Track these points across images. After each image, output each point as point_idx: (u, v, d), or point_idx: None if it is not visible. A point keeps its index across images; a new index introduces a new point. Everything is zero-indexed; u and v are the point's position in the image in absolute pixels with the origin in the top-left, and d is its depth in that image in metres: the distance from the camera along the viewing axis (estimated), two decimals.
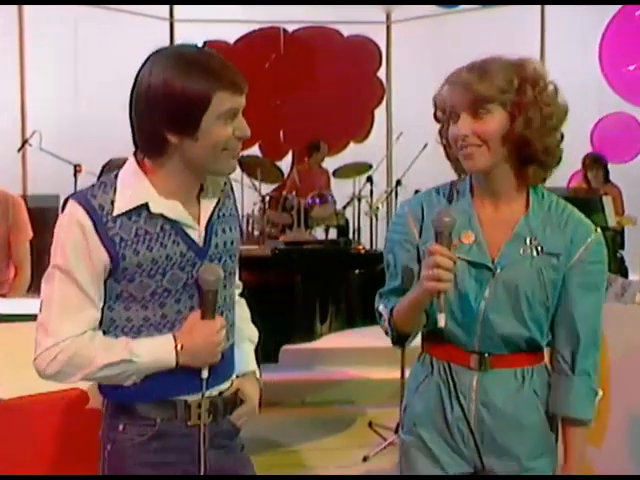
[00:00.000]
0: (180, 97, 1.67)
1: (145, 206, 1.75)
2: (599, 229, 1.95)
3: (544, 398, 1.95)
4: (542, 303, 1.90)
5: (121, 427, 1.83)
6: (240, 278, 2.07)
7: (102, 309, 1.80)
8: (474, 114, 1.84)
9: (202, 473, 1.82)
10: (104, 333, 1.80)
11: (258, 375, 2.01)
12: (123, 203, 1.74)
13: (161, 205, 1.76)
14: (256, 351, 2.10)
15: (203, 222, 1.82)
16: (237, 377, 1.96)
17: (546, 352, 2.01)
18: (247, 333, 2.06)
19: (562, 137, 1.91)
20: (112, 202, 1.74)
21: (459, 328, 1.92)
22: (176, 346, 1.76)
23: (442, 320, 1.77)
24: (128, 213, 1.74)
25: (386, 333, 2.00)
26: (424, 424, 1.98)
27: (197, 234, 1.81)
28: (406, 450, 2.04)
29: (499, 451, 1.93)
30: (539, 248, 1.89)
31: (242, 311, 2.07)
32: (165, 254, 1.76)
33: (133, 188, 1.76)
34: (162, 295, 1.77)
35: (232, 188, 1.96)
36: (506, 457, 1.93)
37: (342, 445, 4.73)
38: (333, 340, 5.02)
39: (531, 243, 1.89)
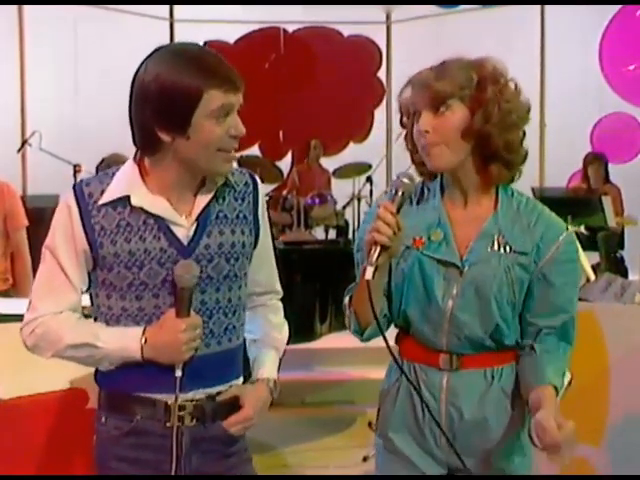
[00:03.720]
0: (171, 93, 1.68)
1: (128, 198, 1.78)
2: (570, 227, 1.96)
3: (513, 397, 1.94)
4: (510, 301, 1.89)
5: (103, 419, 1.87)
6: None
7: (91, 295, 1.86)
8: (435, 111, 1.86)
9: (174, 474, 1.81)
10: (95, 319, 1.85)
11: (272, 384, 1.95)
12: (109, 194, 1.79)
13: (143, 199, 1.78)
14: None
15: (192, 220, 1.81)
16: (246, 383, 1.94)
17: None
18: (272, 340, 2.02)
19: (524, 135, 1.92)
20: (102, 192, 1.79)
21: (428, 326, 1.92)
22: (141, 338, 1.77)
23: (369, 273, 1.76)
24: (113, 203, 1.78)
25: (349, 327, 1.99)
26: (395, 427, 1.98)
27: (184, 232, 1.80)
28: (380, 454, 2.04)
29: (469, 451, 1.92)
30: (507, 246, 1.89)
31: (274, 317, 2.05)
32: (144, 248, 1.77)
33: (123, 181, 1.80)
34: (139, 288, 1.78)
35: (255, 192, 1.91)
36: (476, 457, 1.93)
37: (342, 445, 4.74)
38: (333, 340, 5.03)
39: (499, 241, 1.89)
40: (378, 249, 1.76)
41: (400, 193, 1.80)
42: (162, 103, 1.69)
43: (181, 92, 1.67)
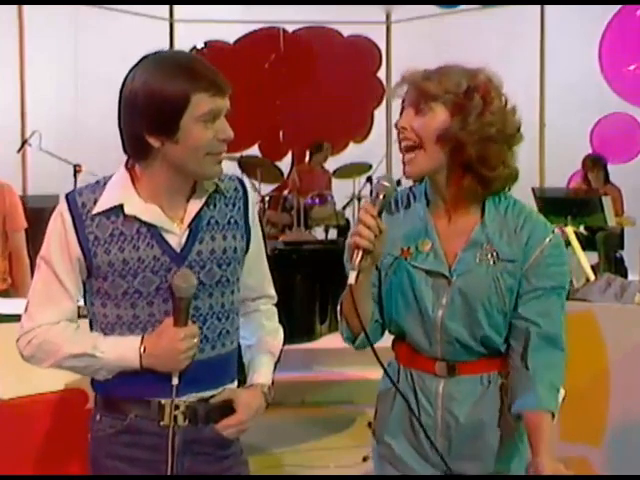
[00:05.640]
0: (159, 98, 1.69)
1: (122, 207, 1.79)
2: (556, 230, 1.93)
3: (509, 401, 1.92)
4: (500, 310, 1.88)
5: (98, 417, 1.88)
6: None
7: (86, 304, 1.87)
8: (417, 109, 1.85)
9: (169, 474, 1.81)
10: (90, 326, 1.86)
11: (266, 389, 1.95)
12: (102, 203, 1.80)
13: (136, 207, 1.78)
14: None
15: (184, 228, 1.81)
16: (240, 387, 1.94)
17: None
18: (267, 345, 2.03)
19: (506, 153, 1.85)
20: (95, 201, 1.80)
21: (421, 336, 1.92)
22: (140, 347, 1.77)
23: (352, 277, 1.76)
24: (106, 213, 1.79)
25: (342, 334, 2.00)
26: (392, 432, 1.98)
27: (176, 239, 1.81)
28: (378, 459, 2.04)
29: (466, 456, 1.92)
30: (495, 254, 1.87)
31: (268, 322, 2.06)
32: (137, 256, 1.78)
33: (115, 189, 1.81)
34: (133, 296, 1.79)
35: (245, 197, 1.91)
36: (473, 461, 1.92)
37: (342, 445, 4.74)
38: (333, 340, 5.02)
39: (487, 250, 1.87)
40: (360, 253, 1.76)
41: (381, 196, 1.80)
42: (150, 109, 1.70)
43: (169, 97, 1.69)
